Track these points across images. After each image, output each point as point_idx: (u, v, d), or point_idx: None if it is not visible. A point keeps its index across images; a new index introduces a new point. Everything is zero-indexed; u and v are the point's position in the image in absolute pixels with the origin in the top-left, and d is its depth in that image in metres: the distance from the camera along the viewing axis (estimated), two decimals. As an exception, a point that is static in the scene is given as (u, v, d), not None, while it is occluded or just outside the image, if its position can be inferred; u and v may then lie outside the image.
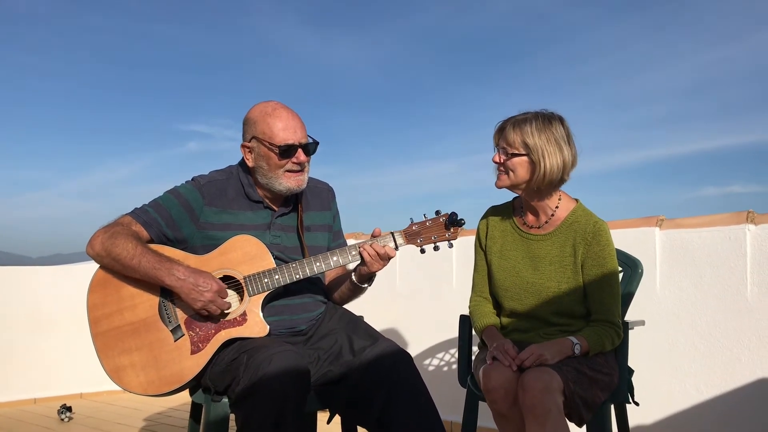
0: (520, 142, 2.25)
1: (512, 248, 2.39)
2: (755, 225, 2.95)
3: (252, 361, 2.00)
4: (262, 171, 2.27)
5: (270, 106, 2.28)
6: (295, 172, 2.27)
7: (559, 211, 2.34)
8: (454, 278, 3.89)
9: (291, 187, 2.28)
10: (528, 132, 2.24)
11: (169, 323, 2.17)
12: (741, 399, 2.92)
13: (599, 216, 2.32)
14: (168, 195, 2.29)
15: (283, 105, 2.30)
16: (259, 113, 2.27)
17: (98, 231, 2.22)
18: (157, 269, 2.12)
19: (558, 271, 2.28)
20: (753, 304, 2.92)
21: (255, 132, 2.26)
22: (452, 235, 2.26)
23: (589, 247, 2.26)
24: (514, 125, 2.27)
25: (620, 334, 2.26)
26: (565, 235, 2.30)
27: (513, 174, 2.27)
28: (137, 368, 2.15)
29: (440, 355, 3.91)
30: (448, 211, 2.24)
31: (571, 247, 2.28)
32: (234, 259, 2.22)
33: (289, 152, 2.24)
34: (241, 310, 2.18)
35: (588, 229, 2.27)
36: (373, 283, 2.37)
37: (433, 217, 2.26)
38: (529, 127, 2.24)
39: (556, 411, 1.96)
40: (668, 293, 3.16)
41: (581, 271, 2.27)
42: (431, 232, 2.25)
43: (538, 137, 2.23)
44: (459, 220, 2.23)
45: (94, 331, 2.20)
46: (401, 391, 2.10)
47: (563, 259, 2.29)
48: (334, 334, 2.27)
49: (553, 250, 2.31)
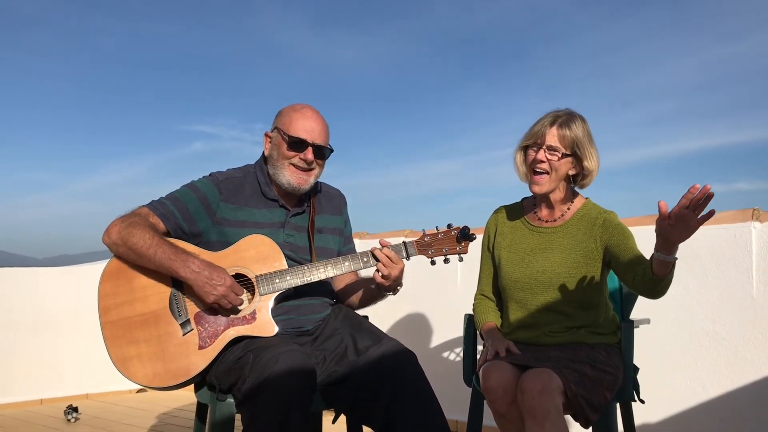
0: (570, 141, 2.24)
1: (522, 240, 2.40)
2: (761, 222, 2.94)
3: (258, 360, 2.00)
4: (272, 160, 2.33)
5: (300, 105, 2.36)
6: (300, 170, 2.30)
7: (572, 206, 2.38)
8: (459, 277, 3.89)
9: (292, 183, 2.30)
10: (577, 132, 2.24)
11: (179, 317, 2.18)
12: (747, 397, 2.91)
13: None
14: (185, 189, 2.31)
15: (314, 109, 2.36)
16: (289, 108, 2.35)
17: (116, 220, 2.24)
18: (173, 260, 2.13)
19: (569, 257, 2.29)
20: (759, 302, 2.91)
21: (278, 123, 2.33)
22: (463, 249, 2.31)
23: (603, 230, 2.28)
24: (561, 125, 2.25)
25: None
26: (576, 227, 2.33)
27: (555, 174, 2.27)
28: (144, 359, 2.16)
29: (446, 354, 3.91)
30: (461, 224, 2.29)
31: (582, 235, 2.30)
32: (247, 257, 2.24)
33: (298, 146, 2.28)
34: (251, 309, 2.19)
35: (598, 219, 2.30)
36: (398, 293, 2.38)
37: (444, 230, 2.30)
38: (577, 128, 2.25)
39: (555, 412, 1.96)
40: (673, 291, 3.13)
41: (605, 256, 2.27)
42: (443, 245, 2.29)
43: (584, 138, 2.25)
44: (471, 235, 2.27)
45: (103, 320, 2.21)
46: (406, 391, 2.11)
47: (574, 246, 2.30)
48: (339, 334, 2.28)
49: (564, 240, 2.33)
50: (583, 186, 2.37)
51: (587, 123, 2.31)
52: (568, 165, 2.28)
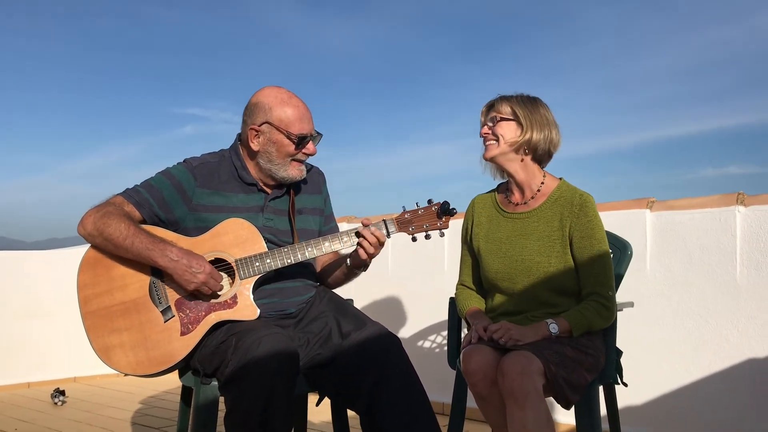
0: (509, 110, 2.33)
1: (498, 229, 2.40)
2: (745, 207, 2.96)
3: (241, 343, 2.00)
4: (269, 156, 2.28)
5: (285, 93, 2.29)
6: (300, 162, 2.30)
7: (544, 188, 2.37)
8: (446, 261, 3.90)
9: (294, 176, 2.31)
10: (516, 102, 2.34)
11: (159, 304, 2.17)
12: (730, 379, 2.94)
13: (591, 194, 2.33)
14: (160, 176, 2.29)
15: (294, 94, 2.32)
16: (275, 99, 2.27)
17: (90, 210, 2.22)
18: (151, 250, 2.12)
19: (547, 246, 2.29)
20: (742, 285, 2.94)
21: (269, 117, 2.25)
22: (443, 224, 2.27)
23: (576, 219, 2.27)
24: (501, 98, 2.36)
25: (609, 308, 2.22)
26: (552, 211, 2.32)
27: (502, 139, 2.32)
28: (126, 348, 2.16)
29: (432, 337, 3.92)
30: (441, 199, 2.26)
31: (558, 221, 2.29)
32: (226, 242, 2.22)
33: (304, 143, 2.27)
34: (231, 293, 2.18)
35: (574, 202, 2.29)
36: (368, 269, 2.38)
37: (425, 206, 2.27)
38: (517, 99, 2.34)
39: (535, 394, 1.96)
40: (658, 274, 3.18)
41: (570, 245, 2.28)
42: (423, 221, 2.26)
43: (525, 108, 2.33)
44: (451, 209, 2.24)
45: (83, 311, 2.20)
46: (390, 375, 2.11)
47: (551, 233, 2.29)
48: (324, 317, 2.28)
49: (540, 226, 2.32)
50: (540, 162, 2.38)
51: (544, 105, 2.36)
52: (512, 130, 2.32)
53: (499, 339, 2.13)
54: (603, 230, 2.29)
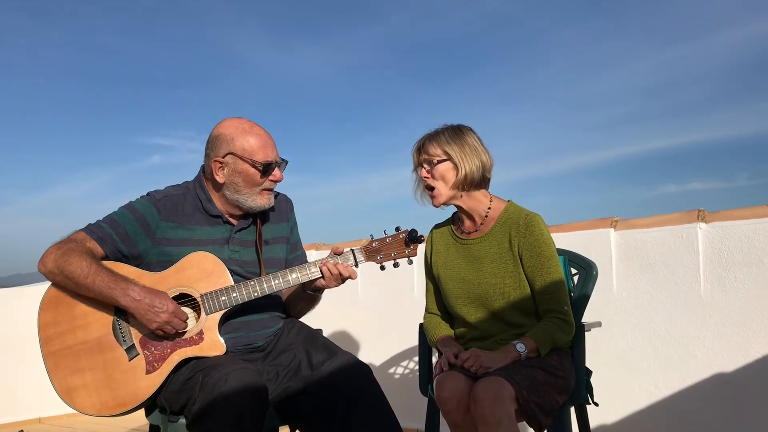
0: (441, 152, 2.35)
1: (455, 257, 2.44)
2: (706, 223, 3.01)
3: (208, 379, 1.96)
4: (235, 187, 2.25)
5: (246, 123, 2.27)
6: (269, 191, 2.28)
7: (491, 212, 2.40)
8: (415, 286, 3.89)
9: (263, 205, 2.29)
10: (443, 141, 2.36)
11: (123, 342, 2.13)
12: (698, 394, 2.97)
13: (550, 214, 2.35)
14: (123, 210, 2.24)
15: (255, 123, 2.30)
16: (236, 129, 2.25)
17: (51, 247, 2.17)
18: (112, 289, 2.08)
19: (500, 267, 2.31)
20: (706, 301, 2.98)
21: (232, 148, 2.22)
22: (412, 252, 2.27)
23: (523, 239, 2.30)
24: (429, 139, 2.39)
25: (569, 321, 2.27)
26: (501, 233, 2.35)
27: (443, 183, 2.35)
28: (90, 389, 2.11)
29: (404, 363, 3.90)
30: (409, 227, 2.26)
31: (507, 242, 2.32)
32: (191, 276, 2.19)
33: (270, 170, 2.24)
34: (197, 329, 2.15)
35: (521, 222, 2.32)
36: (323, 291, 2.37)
37: (393, 234, 2.27)
38: (443, 137, 2.37)
39: (507, 420, 1.97)
40: (625, 293, 3.21)
41: (521, 265, 2.30)
42: (391, 249, 2.26)
43: (454, 143, 2.35)
44: (419, 237, 2.25)
45: (45, 351, 2.15)
46: (361, 404, 2.09)
47: (502, 254, 2.32)
48: (293, 349, 2.25)
49: (492, 249, 2.35)
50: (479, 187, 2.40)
51: (469, 131, 2.40)
52: (450, 171, 2.35)
53: (470, 367, 2.14)
54: (552, 247, 2.32)
